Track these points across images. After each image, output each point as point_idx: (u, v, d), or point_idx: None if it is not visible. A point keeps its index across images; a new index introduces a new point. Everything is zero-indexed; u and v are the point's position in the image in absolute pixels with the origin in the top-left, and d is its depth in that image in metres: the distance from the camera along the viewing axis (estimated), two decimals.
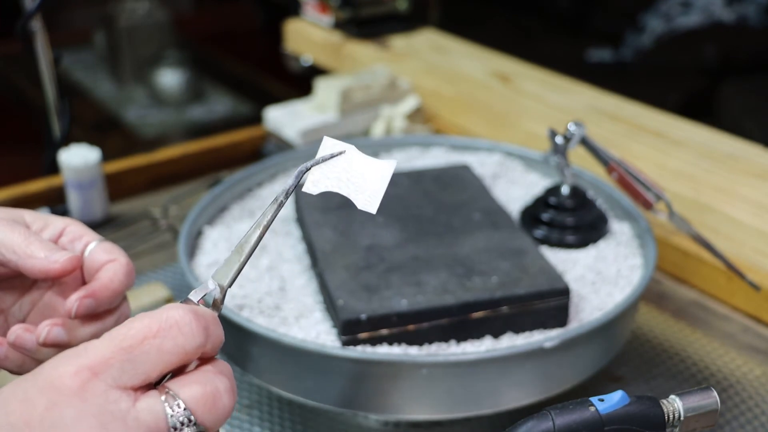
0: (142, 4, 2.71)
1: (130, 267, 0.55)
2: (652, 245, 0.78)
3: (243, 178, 0.91)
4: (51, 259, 0.51)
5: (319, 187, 0.45)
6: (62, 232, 0.56)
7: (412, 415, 0.67)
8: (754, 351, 0.83)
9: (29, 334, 0.52)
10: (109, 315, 0.54)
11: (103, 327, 0.54)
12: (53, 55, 1.07)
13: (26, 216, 0.56)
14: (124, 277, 0.55)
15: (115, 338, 0.40)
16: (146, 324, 0.41)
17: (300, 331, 0.69)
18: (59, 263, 0.51)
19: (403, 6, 1.50)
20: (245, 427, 0.73)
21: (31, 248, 0.52)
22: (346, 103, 1.17)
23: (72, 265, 0.52)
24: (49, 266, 0.51)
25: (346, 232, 0.78)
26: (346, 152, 0.45)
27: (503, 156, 0.98)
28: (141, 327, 0.40)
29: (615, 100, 1.20)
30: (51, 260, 0.51)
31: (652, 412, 0.50)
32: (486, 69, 1.32)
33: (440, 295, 0.69)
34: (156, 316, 0.41)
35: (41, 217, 0.56)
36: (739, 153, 1.03)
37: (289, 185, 0.44)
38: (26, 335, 0.52)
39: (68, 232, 0.56)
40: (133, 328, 0.40)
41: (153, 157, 1.15)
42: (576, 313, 0.73)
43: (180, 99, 2.64)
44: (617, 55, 2.50)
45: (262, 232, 0.44)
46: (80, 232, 0.56)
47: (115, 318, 0.55)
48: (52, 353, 0.51)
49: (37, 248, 0.52)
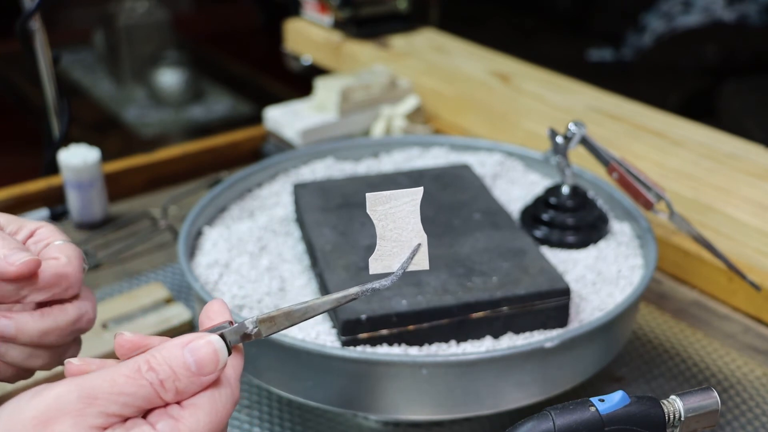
0: (141, 4, 2.71)
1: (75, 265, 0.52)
2: (653, 245, 0.78)
3: (243, 178, 0.91)
4: (9, 260, 0.49)
5: None
6: (32, 234, 0.54)
7: (412, 415, 0.67)
8: (755, 351, 0.83)
9: None
10: (61, 311, 0.52)
11: (55, 323, 0.51)
12: (52, 54, 1.07)
13: (1, 218, 0.54)
14: (71, 253, 0.52)
15: None
16: None
17: (300, 331, 0.69)
18: (15, 266, 0.49)
19: (403, 6, 1.50)
20: (245, 427, 0.73)
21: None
22: (346, 103, 1.17)
23: (29, 269, 0.49)
24: (6, 269, 0.49)
25: (346, 232, 0.78)
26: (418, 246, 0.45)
27: (503, 156, 0.98)
28: None
29: (615, 99, 1.20)
30: (8, 262, 0.49)
31: (653, 412, 0.50)
32: (486, 69, 1.31)
33: (440, 296, 0.69)
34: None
35: (16, 221, 0.55)
36: (739, 153, 1.03)
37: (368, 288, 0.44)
38: None
39: (37, 234, 0.54)
40: None
41: (152, 157, 1.15)
42: (576, 313, 0.73)
43: (180, 99, 2.64)
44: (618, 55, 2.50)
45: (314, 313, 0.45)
46: (47, 235, 0.54)
47: (72, 316, 0.52)
48: (23, 353, 0.50)
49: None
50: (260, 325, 0.45)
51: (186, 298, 0.90)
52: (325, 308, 0.45)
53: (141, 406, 0.41)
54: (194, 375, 0.42)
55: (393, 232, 0.44)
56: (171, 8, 2.91)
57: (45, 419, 0.39)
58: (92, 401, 0.40)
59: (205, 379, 0.43)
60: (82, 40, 2.91)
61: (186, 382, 0.42)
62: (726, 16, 2.30)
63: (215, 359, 0.43)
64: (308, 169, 0.96)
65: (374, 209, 0.44)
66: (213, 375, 0.43)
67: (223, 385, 0.44)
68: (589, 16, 2.79)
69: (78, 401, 0.40)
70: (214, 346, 0.43)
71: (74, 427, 0.39)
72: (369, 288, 0.44)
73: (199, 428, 0.42)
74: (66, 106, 1.09)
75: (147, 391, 0.41)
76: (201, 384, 0.42)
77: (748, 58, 2.23)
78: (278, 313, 0.45)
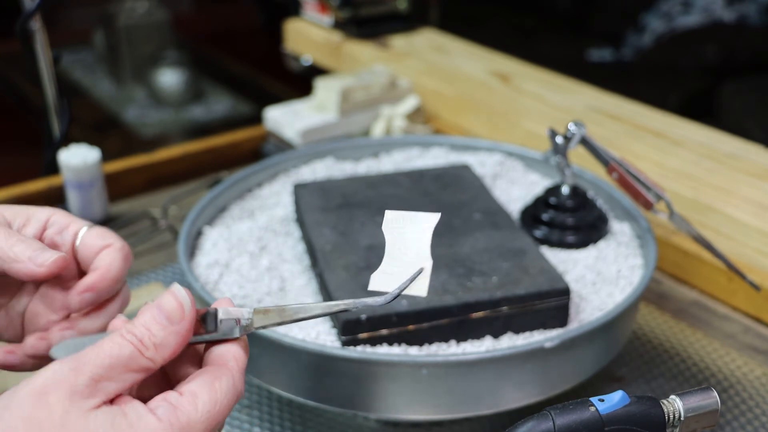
0: (141, 4, 2.71)
1: (126, 251, 0.54)
2: (653, 245, 0.78)
3: (243, 178, 0.91)
4: (37, 262, 0.50)
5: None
6: (46, 224, 0.54)
7: (412, 415, 0.67)
8: (755, 351, 0.83)
9: (44, 342, 0.52)
10: (111, 302, 0.54)
11: (107, 315, 0.53)
12: (52, 54, 1.06)
13: (5, 212, 0.54)
14: (122, 262, 0.53)
15: None
16: None
17: (300, 331, 0.69)
18: (45, 266, 0.50)
19: (403, 6, 1.50)
20: (245, 427, 0.73)
21: (14, 251, 0.50)
22: (346, 103, 1.17)
23: (58, 267, 0.50)
24: (36, 270, 0.49)
25: (346, 232, 0.78)
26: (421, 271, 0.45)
27: (503, 156, 0.98)
28: None
29: (615, 99, 1.20)
30: (37, 263, 0.50)
31: (653, 412, 0.50)
32: (486, 69, 1.31)
33: (440, 296, 0.69)
34: None
35: (22, 212, 0.54)
36: (739, 153, 1.03)
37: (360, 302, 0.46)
38: (41, 344, 0.52)
39: (53, 222, 0.54)
40: None
41: (153, 157, 1.15)
42: (576, 313, 0.73)
43: (180, 99, 2.64)
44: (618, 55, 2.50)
45: (305, 315, 0.46)
46: (66, 222, 0.54)
47: (117, 304, 0.54)
48: None
49: (21, 250, 0.50)
50: (255, 315, 0.46)
51: None
52: (316, 313, 0.46)
53: (128, 367, 0.42)
54: (166, 327, 0.44)
55: (400, 252, 0.44)
56: (171, 8, 2.91)
57: (40, 392, 0.41)
58: (81, 368, 0.41)
59: (177, 327, 0.44)
60: (82, 40, 2.91)
61: (161, 335, 0.43)
62: (726, 16, 2.30)
63: (180, 306, 0.44)
64: (308, 169, 0.96)
65: (390, 227, 0.45)
66: (184, 322, 0.44)
67: (223, 375, 0.44)
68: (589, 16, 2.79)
69: (69, 372, 0.41)
70: (176, 296, 0.44)
71: (68, 397, 0.41)
72: (361, 303, 0.45)
73: (197, 415, 0.43)
74: (66, 106, 1.09)
75: (129, 350, 0.43)
76: (176, 333, 0.44)
77: (748, 58, 2.23)
78: (273, 308, 0.46)
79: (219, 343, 0.46)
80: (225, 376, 0.44)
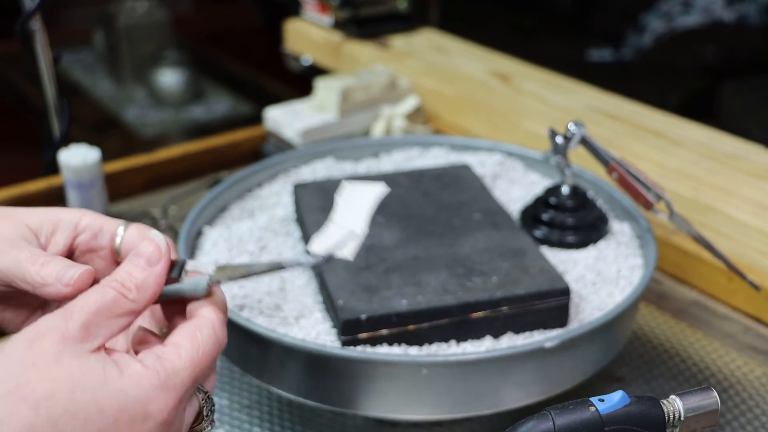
0: (141, 4, 2.71)
1: (170, 243, 0.53)
2: (653, 245, 0.78)
3: (243, 178, 0.91)
4: (63, 282, 0.49)
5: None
6: (77, 229, 0.54)
7: (412, 415, 0.67)
8: (755, 351, 0.83)
9: None
10: None
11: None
12: (52, 54, 1.06)
13: (30, 221, 0.53)
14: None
15: None
16: None
17: (300, 331, 0.69)
18: (71, 287, 0.49)
19: (403, 6, 1.50)
20: (245, 427, 0.73)
21: (41, 275, 0.50)
22: (346, 103, 1.17)
23: (85, 283, 0.50)
24: (62, 291, 0.49)
25: None
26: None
27: (503, 156, 0.98)
28: None
29: (615, 99, 1.20)
30: (63, 283, 0.49)
31: (653, 412, 0.50)
32: (486, 69, 1.31)
33: (440, 296, 0.69)
34: None
35: (49, 218, 0.53)
36: (739, 153, 1.03)
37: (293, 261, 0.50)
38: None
39: (84, 227, 0.54)
40: None
41: (152, 157, 1.15)
42: (576, 313, 0.73)
43: (180, 99, 2.64)
44: (618, 55, 2.50)
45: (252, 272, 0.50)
46: (98, 224, 0.54)
47: None
48: None
49: (49, 272, 0.50)
50: (216, 271, 0.50)
51: None
52: (264, 269, 0.51)
53: (113, 312, 0.45)
54: (145, 269, 0.47)
55: (342, 219, 0.47)
56: (171, 8, 2.91)
57: (33, 338, 0.43)
58: (71, 316, 0.44)
59: (157, 268, 0.48)
60: (82, 40, 2.91)
61: (142, 276, 0.47)
62: (726, 16, 2.30)
63: (157, 248, 0.48)
64: (308, 169, 0.96)
65: (341, 194, 0.46)
66: (162, 261, 0.48)
67: (203, 326, 0.48)
68: (589, 16, 2.79)
69: (60, 320, 0.44)
70: (153, 240, 0.49)
71: (60, 341, 0.43)
72: (295, 261, 0.50)
73: (181, 362, 0.46)
74: (66, 106, 1.09)
75: (112, 294, 0.46)
76: (155, 274, 0.48)
77: (748, 58, 2.23)
78: (231, 265, 0.51)
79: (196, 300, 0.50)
80: (205, 326, 0.48)
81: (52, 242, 0.53)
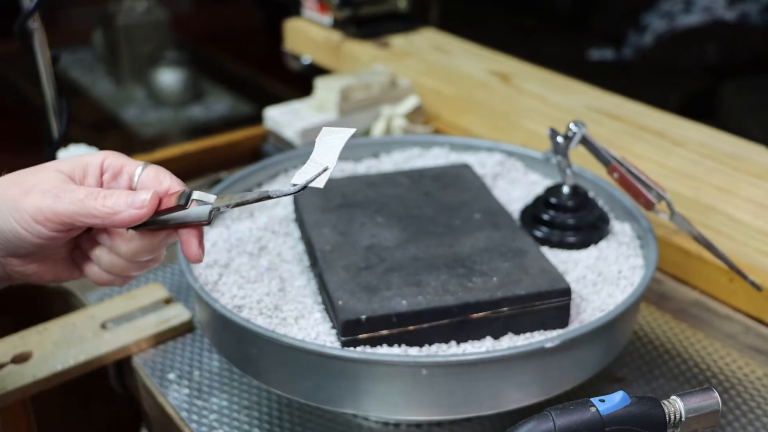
0: (140, 3, 2.70)
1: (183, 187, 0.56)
2: (654, 245, 0.78)
3: (243, 178, 0.91)
4: (136, 206, 0.51)
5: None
6: (102, 169, 0.55)
7: (412, 416, 0.67)
8: (756, 352, 0.82)
9: None
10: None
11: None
12: (51, 54, 1.06)
13: (63, 167, 0.54)
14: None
15: None
16: None
17: (300, 331, 0.69)
18: (146, 208, 0.52)
19: (403, 5, 1.50)
20: (245, 428, 0.73)
21: (109, 204, 0.51)
22: (346, 102, 1.17)
23: (155, 203, 0.52)
24: (139, 213, 0.51)
25: (345, 232, 0.78)
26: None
27: (504, 156, 0.98)
28: None
29: (616, 99, 1.20)
30: (136, 207, 0.51)
31: (653, 412, 0.50)
32: (486, 69, 1.31)
33: (440, 296, 0.69)
34: None
35: (78, 163, 0.55)
36: (740, 153, 1.03)
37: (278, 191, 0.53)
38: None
39: (107, 167, 0.55)
40: None
41: (152, 156, 1.15)
42: (577, 313, 0.73)
43: (179, 99, 2.63)
44: (618, 55, 2.49)
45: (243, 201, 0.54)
46: (119, 164, 0.56)
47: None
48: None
49: (115, 202, 0.52)
50: (217, 200, 0.54)
51: (185, 298, 0.90)
52: (253, 198, 0.54)
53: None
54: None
55: (319, 156, 0.55)
56: (170, 8, 2.90)
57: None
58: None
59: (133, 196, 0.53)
60: (82, 40, 2.91)
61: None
62: (727, 16, 2.30)
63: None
64: None
65: (321, 138, 0.55)
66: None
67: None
68: (589, 16, 2.79)
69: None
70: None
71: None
72: (278, 192, 0.53)
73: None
74: (65, 106, 1.09)
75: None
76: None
77: (749, 57, 2.23)
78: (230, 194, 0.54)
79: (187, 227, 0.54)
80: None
81: (86, 184, 0.55)
